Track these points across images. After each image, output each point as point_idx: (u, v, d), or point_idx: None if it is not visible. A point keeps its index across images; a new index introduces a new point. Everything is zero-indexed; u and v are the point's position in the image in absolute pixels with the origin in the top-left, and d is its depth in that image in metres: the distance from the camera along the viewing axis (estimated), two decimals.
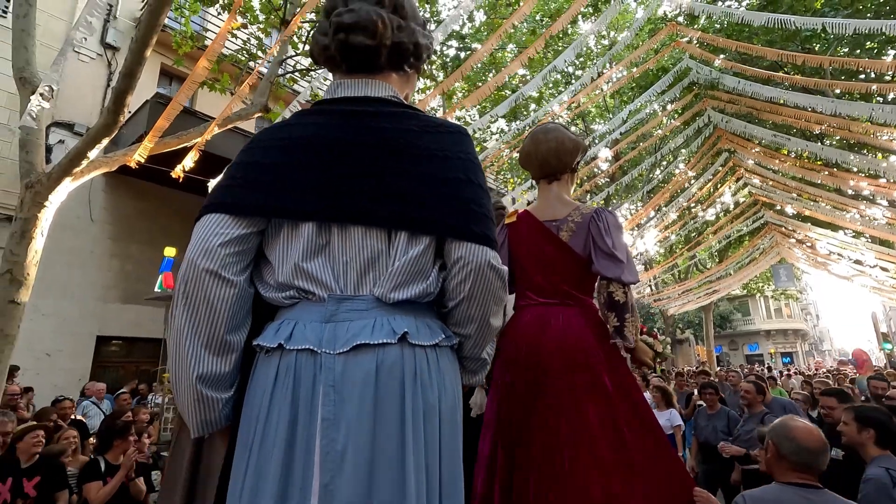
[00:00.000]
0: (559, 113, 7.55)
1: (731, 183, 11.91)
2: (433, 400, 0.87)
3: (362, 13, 1.00)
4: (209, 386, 0.89)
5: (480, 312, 0.97)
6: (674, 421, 4.90)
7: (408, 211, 0.92)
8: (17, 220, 4.32)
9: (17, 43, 4.59)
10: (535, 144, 1.78)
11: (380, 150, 0.95)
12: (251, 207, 0.91)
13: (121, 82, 4.11)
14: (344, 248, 0.92)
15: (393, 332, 0.87)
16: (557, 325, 1.55)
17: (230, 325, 0.89)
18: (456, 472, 0.90)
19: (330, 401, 0.82)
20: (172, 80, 10.20)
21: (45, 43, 7.29)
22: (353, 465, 0.79)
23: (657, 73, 8.41)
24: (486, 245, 0.93)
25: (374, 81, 1.04)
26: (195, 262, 0.87)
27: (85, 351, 8.27)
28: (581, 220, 1.63)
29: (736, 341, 33.00)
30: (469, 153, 1.00)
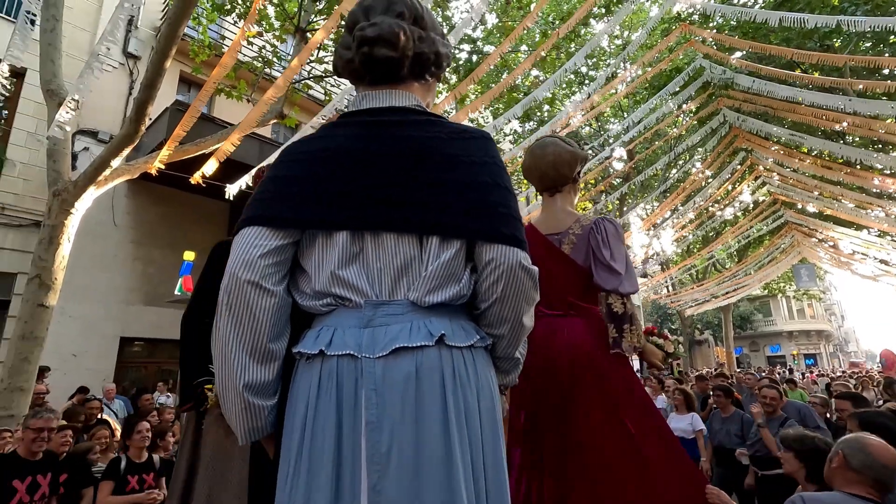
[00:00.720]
0: (573, 113, 7.53)
1: (750, 182, 11.71)
2: (472, 400, 0.90)
3: (384, 26, 1.03)
4: (255, 394, 0.92)
5: (513, 313, 0.99)
6: (696, 425, 4.67)
7: (437, 216, 0.94)
8: (45, 226, 4.50)
9: (45, 56, 4.77)
10: (533, 159, 1.81)
11: (407, 158, 0.97)
12: (287, 219, 0.95)
13: (142, 93, 4.26)
14: (377, 254, 0.95)
15: (430, 335, 0.89)
16: (563, 336, 1.58)
17: (272, 333, 0.93)
18: (500, 472, 0.91)
19: (372, 404, 0.85)
20: (191, 87, 10.44)
21: (70, 54, 7.53)
22: (399, 466, 0.81)
23: (671, 73, 8.32)
24: (517, 246, 0.95)
25: (398, 91, 1.07)
26: (237, 274, 0.90)
27: (109, 352, 8.52)
28: (581, 232, 1.66)
29: (757, 342, 32.35)
30: (494, 157, 1.03)
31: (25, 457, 2.93)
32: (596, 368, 1.58)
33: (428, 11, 1.14)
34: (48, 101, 4.72)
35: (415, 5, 1.10)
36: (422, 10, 1.11)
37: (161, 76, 4.22)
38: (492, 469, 0.89)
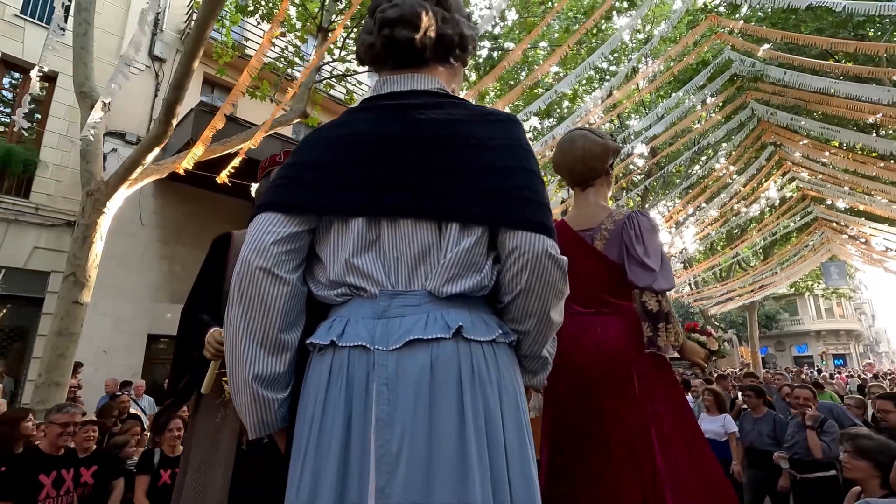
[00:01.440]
0: (594, 110, 7.42)
1: (777, 177, 11.40)
2: (493, 399, 0.83)
3: (406, 7, 0.99)
4: (265, 386, 0.89)
5: (539, 306, 0.91)
6: (728, 427, 4.55)
7: (458, 202, 0.89)
8: (79, 225, 4.62)
9: (77, 60, 4.89)
10: (562, 154, 1.77)
11: (427, 142, 0.93)
12: (301, 205, 0.92)
13: (170, 94, 4.33)
14: (394, 242, 0.90)
15: (447, 327, 0.84)
16: (595, 334, 1.55)
17: (284, 323, 0.89)
18: (528, 476, 0.83)
19: (384, 399, 0.80)
20: (214, 88, 10.61)
21: (98, 57, 7.72)
22: (409, 468, 0.76)
23: (697, 66, 8.13)
24: (543, 233, 0.88)
25: (420, 75, 1.02)
26: (249, 260, 0.87)
27: (137, 348, 8.73)
28: (614, 228, 1.61)
29: (783, 342, 31.55)
30: (520, 140, 0.97)
31: (49, 452, 2.93)
32: (630, 369, 1.53)
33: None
34: (81, 103, 4.84)
35: None
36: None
37: (189, 77, 4.29)
38: (519, 476, 0.82)
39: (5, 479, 2.74)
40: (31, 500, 2.72)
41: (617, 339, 1.58)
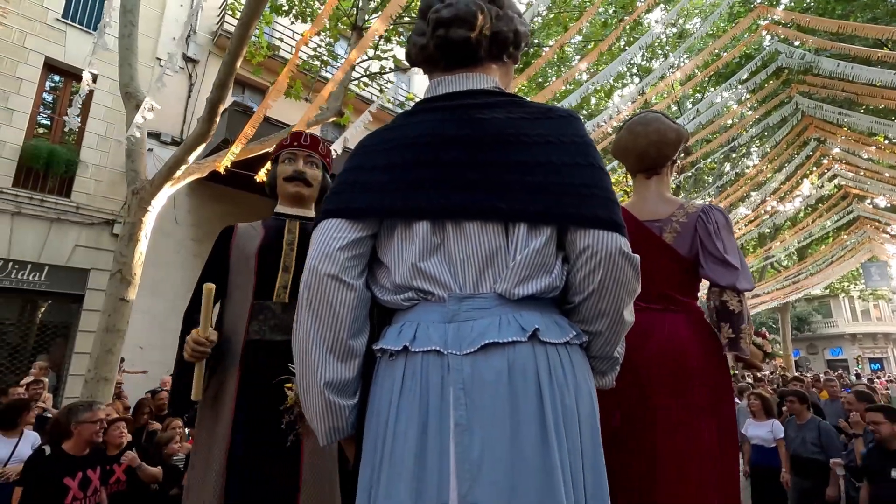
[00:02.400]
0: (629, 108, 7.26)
1: (818, 174, 11.01)
2: (570, 402, 0.81)
3: (460, 6, 0.97)
4: (336, 392, 0.88)
5: (612, 306, 0.89)
6: (776, 433, 4.41)
7: (524, 202, 0.86)
8: (125, 224, 4.70)
9: (123, 61, 4.98)
10: (633, 137, 1.66)
11: (488, 142, 0.91)
12: (365, 210, 0.91)
13: (214, 93, 4.36)
14: (460, 245, 0.88)
15: (522, 330, 0.82)
16: (663, 333, 1.46)
17: (352, 329, 0.88)
18: (600, 481, 0.82)
19: (461, 405, 0.77)
20: (245, 88, 10.75)
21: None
22: (492, 472, 0.74)
23: (740, 60, 7.88)
24: (616, 231, 0.86)
25: (475, 74, 1.00)
26: (317, 267, 0.87)
27: (172, 344, 8.85)
28: (687, 221, 1.53)
29: (815, 345, 30.58)
30: (584, 136, 0.94)
31: (74, 453, 2.91)
32: (699, 371, 1.46)
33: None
34: (126, 103, 4.93)
35: None
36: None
37: (232, 76, 4.32)
38: (592, 478, 0.81)
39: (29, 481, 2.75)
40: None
41: (689, 340, 1.50)
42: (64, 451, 2.92)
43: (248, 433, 1.50)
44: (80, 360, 7.48)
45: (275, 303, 1.63)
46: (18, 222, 7.90)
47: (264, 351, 1.58)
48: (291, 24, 8.60)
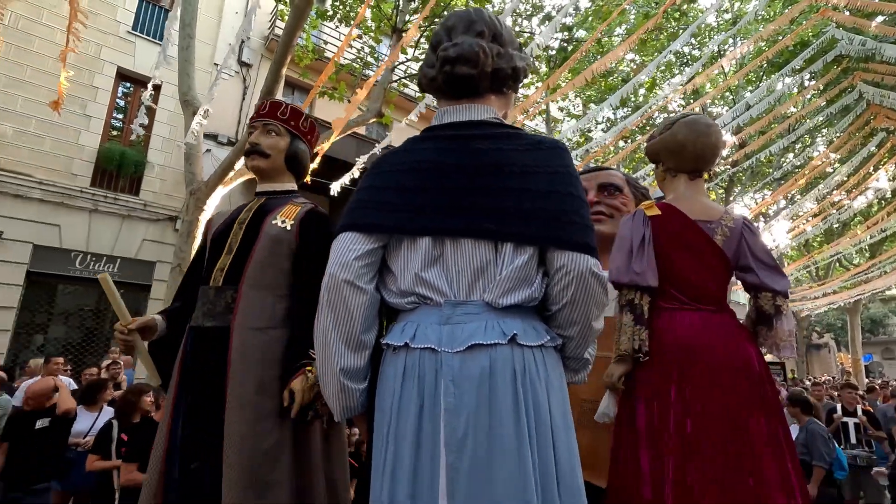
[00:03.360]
0: (671, 98, 7.02)
1: (889, 166, 10.17)
2: (542, 396, 0.96)
3: (465, 46, 1.11)
4: (349, 377, 1.04)
5: (583, 316, 1.03)
6: None
7: (512, 224, 1.01)
8: (183, 221, 5.13)
9: (182, 71, 5.39)
10: (694, 135, 1.61)
11: (483, 170, 1.05)
12: (376, 226, 1.06)
13: (261, 99, 4.66)
14: (456, 258, 1.03)
15: (503, 334, 0.96)
16: (721, 334, 1.44)
17: (364, 326, 1.05)
18: (574, 465, 0.96)
19: (450, 393, 0.93)
20: (294, 89, 11.23)
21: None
22: (473, 448, 0.90)
23: (795, 48, 7.40)
24: (587, 253, 1.00)
25: (476, 106, 1.14)
26: (335, 274, 1.03)
27: None
28: (734, 226, 1.54)
29: (891, 349, 28.19)
30: (567, 167, 1.08)
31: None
32: (755, 373, 1.44)
33: (506, 28, 1.19)
34: (184, 110, 5.35)
35: (494, 23, 1.17)
36: (500, 27, 1.17)
37: (279, 82, 4.61)
38: (565, 463, 0.95)
39: (131, 444, 3.15)
40: None
41: (743, 340, 1.48)
42: (153, 420, 3.33)
43: (185, 420, 1.47)
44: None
45: (210, 287, 1.56)
46: (95, 219, 8.71)
47: (198, 338, 1.53)
48: (336, 27, 8.91)
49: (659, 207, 1.56)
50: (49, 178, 8.41)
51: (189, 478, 1.41)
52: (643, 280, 1.43)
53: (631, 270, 1.44)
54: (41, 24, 8.54)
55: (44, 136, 8.49)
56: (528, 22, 8.66)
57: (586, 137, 13.35)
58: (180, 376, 1.51)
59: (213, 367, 1.45)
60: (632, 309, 1.43)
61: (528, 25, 8.97)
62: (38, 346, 8.30)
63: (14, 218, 8.03)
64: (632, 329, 1.40)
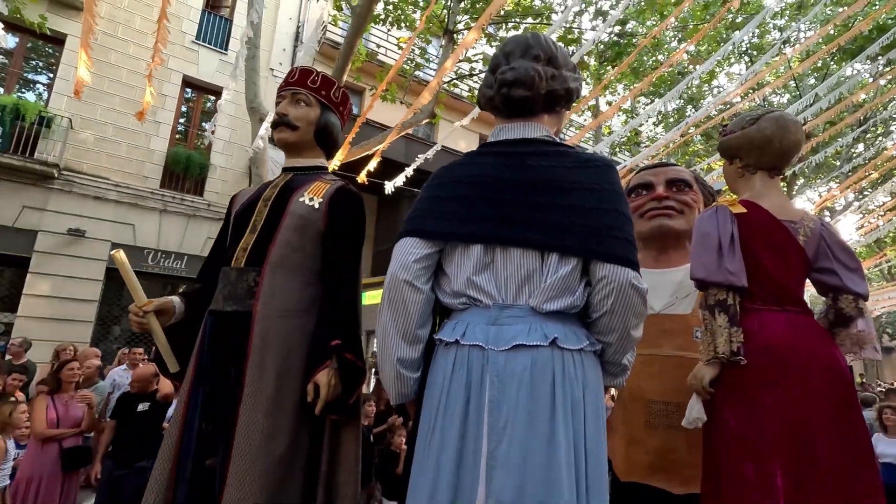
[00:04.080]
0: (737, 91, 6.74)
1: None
2: (578, 394, 1.03)
3: (521, 71, 1.19)
4: (404, 366, 1.16)
5: (621, 324, 1.10)
6: None
7: (558, 237, 1.09)
8: None
9: (248, 80, 5.68)
10: (782, 132, 1.55)
11: (535, 185, 1.14)
12: (434, 233, 1.17)
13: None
14: (505, 265, 1.12)
15: (545, 337, 1.05)
16: (809, 337, 1.41)
17: (419, 322, 1.16)
18: (601, 461, 1.05)
19: (494, 387, 1.02)
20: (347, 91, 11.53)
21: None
22: (511, 438, 0.98)
23: (871, 32, 6.93)
24: (628, 266, 1.07)
25: (530, 124, 1.23)
26: (396, 274, 1.14)
27: None
28: (814, 227, 1.51)
29: None
30: (614, 184, 1.15)
31: None
32: (846, 375, 1.40)
33: (561, 50, 1.27)
34: (251, 116, 5.64)
35: (549, 47, 1.24)
36: (556, 50, 1.25)
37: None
38: (594, 458, 1.02)
39: None
40: None
41: (834, 346, 1.44)
42: None
43: (202, 411, 1.38)
44: None
45: (231, 268, 1.46)
46: (165, 218, 9.31)
47: (218, 322, 1.44)
48: (388, 31, 9.09)
49: (743, 205, 1.52)
50: (124, 181, 9.06)
51: (202, 474, 1.33)
52: (738, 280, 1.39)
53: (724, 269, 1.40)
54: (117, 38, 9.18)
55: (119, 142, 9.14)
56: (580, 18, 8.54)
57: (636, 131, 13.00)
58: (198, 364, 1.42)
59: (233, 354, 1.37)
60: (725, 309, 1.38)
61: (578, 21, 8.84)
62: (115, 336, 8.98)
63: (95, 218, 8.71)
64: (728, 331, 1.35)
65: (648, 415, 1.58)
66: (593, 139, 13.63)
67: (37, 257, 8.31)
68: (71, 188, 8.63)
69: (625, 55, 8.10)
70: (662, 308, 1.68)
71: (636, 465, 1.57)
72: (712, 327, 1.38)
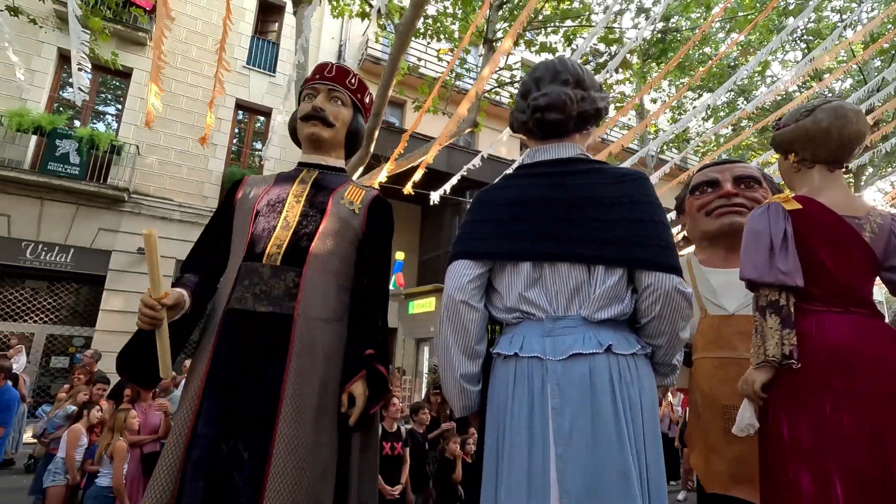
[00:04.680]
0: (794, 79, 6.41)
1: None
2: (635, 397, 1.08)
3: (553, 96, 1.26)
4: (467, 381, 1.24)
5: (670, 327, 1.15)
6: None
7: (602, 249, 1.15)
8: None
9: (298, 101, 5.95)
10: (841, 122, 1.47)
11: (575, 202, 1.20)
12: (483, 253, 1.24)
13: (370, 121, 5.03)
14: (554, 279, 1.18)
15: (600, 344, 1.10)
16: (878, 341, 1.32)
17: (477, 338, 1.23)
18: (658, 457, 1.10)
19: (556, 395, 1.08)
20: (389, 104, 11.83)
21: None
22: (578, 441, 1.04)
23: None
24: (672, 273, 1.12)
25: (563, 144, 1.30)
26: (452, 296, 1.22)
27: None
28: (882, 222, 1.42)
29: None
30: (650, 196, 1.20)
31: None
32: None
33: (588, 72, 1.33)
34: None
35: (577, 71, 1.30)
36: (583, 73, 1.31)
37: (384, 104, 4.94)
38: (652, 455, 1.08)
39: None
40: None
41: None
42: None
43: (218, 412, 1.24)
44: None
45: (264, 265, 1.35)
46: None
47: (245, 323, 1.31)
48: (427, 44, 9.26)
49: (798, 201, 1.44)
50: (186, 202, 9.67)
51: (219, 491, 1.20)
52: (791, 280, 1.33)
53: (776, 269, 1.34)
54: (176, 69, 9.83)
55: (181, 165, 9.77)
56: (620, 18, 8.39)
57: (686, 129, 12.57)
58: (211, 369, 1.29)
59: (261, 357, 1.27)
60: (777, 311, 1.32)
61: (619, 21, 8.70)
62: None
63: (161, 237, 9.31)
64: (780, 333, 1.30)
65: (726, 421, 1.51)
66: (639, 141, 13.29)
67: (111, 275, 8.99)
68: (139, 210, 9.30)
69: (670, 51, 7.88)
70: (737, 309, 1.62)
71: (717, 476, 1.53)
72: (762, 329, 1.32)
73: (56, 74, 9.30)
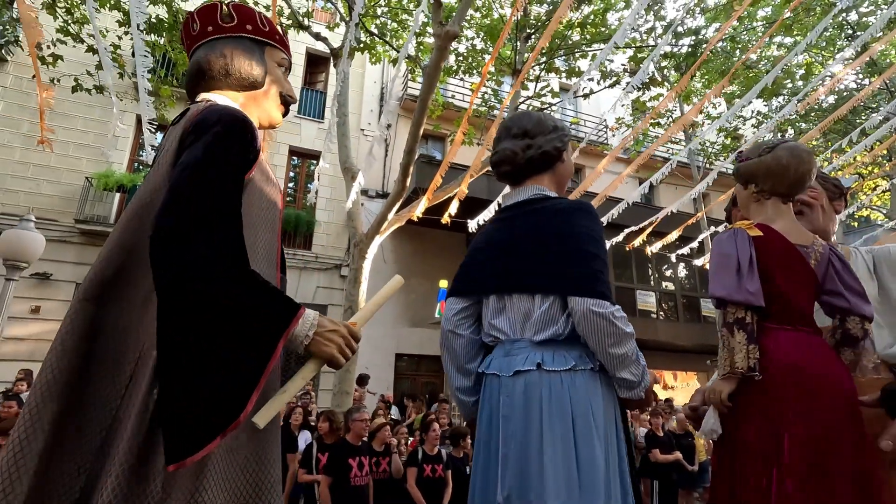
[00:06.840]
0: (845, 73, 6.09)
1: None
2: (567, 408, 1.25)
3: (501, 153, 1.52)
4: (461, 393, 1.51)
5: (599, 346, 1.29)
6: None
7: (538, 280, 1.36)
8: (350, 269, 5.99)
9: (340, 143, 6.41)
10: (797, 161, 1.62)
11: (521, 239, 1.42)
12: (463, 291, 1.51)
13: (404, 158, 5.34)
14: (512, 308, 1.40)
15: (533, 363, 1.30)
16: (822, 355, 1.47)
17: (466, 358, 1.49)
18: (594, 458, 1.21)
19: (506, 405, 1.30)
20: (427, 139, 12.32)
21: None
22: (516, 442, 1.25)
23: None
24: (588, 296, 1.28)
25: (519, 189, 1.53)
26: (444, 326, 1.52)
27: (388, 365, 10.53)
28: (823, 252, 1.58)
29: None
30: (580, 225, 1.38)
31: (353, 442, 3.94)
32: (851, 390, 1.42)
33: (538, 120, 1.52)
34: (345, 175, 6.33)
35: (523, 122, 1.52)
36: (530, 122, 1.52)
37: (417, 142, 5.25)
38: (586, 456, 1.21)
39: (330, 461, 3.78)
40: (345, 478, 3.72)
41: (843, 365, 1.49)
42: (347, 440, 4.02)
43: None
44: (326, 377, 9.45)
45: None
46: None
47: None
48: (461, 79, 9.66)
49: (759, 228, 1.60)
50: None
51: None
52: (756, 300, 1.47)
53: (744, 289, 1.48)
54: None
55: None
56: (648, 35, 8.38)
57: (734, 136, 12.11)
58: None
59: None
60: (743, 327, 1.46)
61: (646, 39, 8.69)
62: None
63: None
64: (746, 347, 1.44)
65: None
66: (685, 142, 12.92)
67: None
68: None
69: (704, 64, 7.76)
70: None
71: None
72: (730, 344, 1.45)
73: (135, 139, 10.50)
